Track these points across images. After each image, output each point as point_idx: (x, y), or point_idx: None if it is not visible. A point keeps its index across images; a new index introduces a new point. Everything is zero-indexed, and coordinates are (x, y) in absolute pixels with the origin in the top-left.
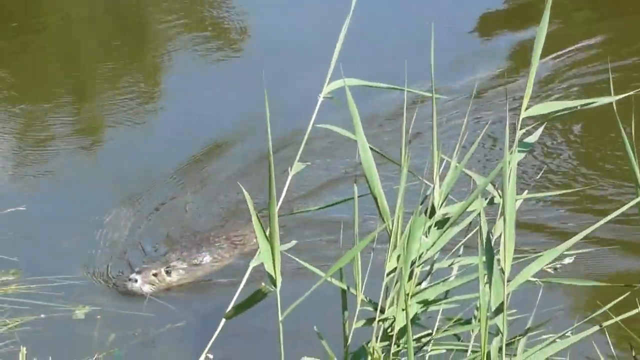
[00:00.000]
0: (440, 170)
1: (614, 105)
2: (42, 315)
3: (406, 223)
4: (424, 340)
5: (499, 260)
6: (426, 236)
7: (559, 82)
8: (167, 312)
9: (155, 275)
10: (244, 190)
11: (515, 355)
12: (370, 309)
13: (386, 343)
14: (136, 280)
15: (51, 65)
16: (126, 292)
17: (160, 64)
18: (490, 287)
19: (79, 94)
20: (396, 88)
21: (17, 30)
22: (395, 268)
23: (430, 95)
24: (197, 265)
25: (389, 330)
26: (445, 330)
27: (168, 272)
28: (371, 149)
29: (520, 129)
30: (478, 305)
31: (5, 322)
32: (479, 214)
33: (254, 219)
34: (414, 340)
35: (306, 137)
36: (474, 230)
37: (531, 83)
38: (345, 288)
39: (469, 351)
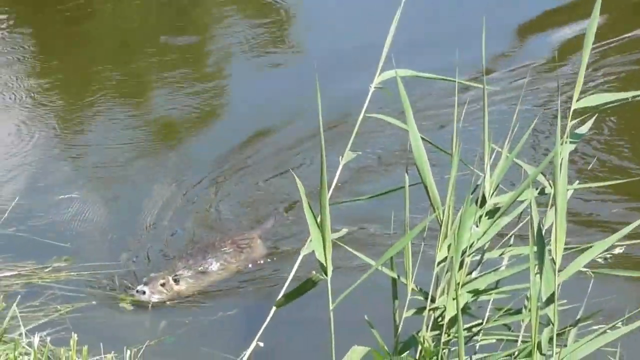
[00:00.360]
0: (492, 159)
1: None
2: (94, 302)
3: (456, 213)
4: (474, 329)
5: (549, 250)
6: (477, 226)
7: (592, 70)
8: (219, 300)
9: (163, 285)
10: (295, 177)
11: (565, 345)
12: (421, 298)
13: (437, 332)
14: (144, 292)
15: (102, 54)
16: (137, 302)
17: (213, 50)
18: (541, 277)
19: (132, 82)
20: (447, 79)
21: (70, 18)
22: (446, 257)
23: (481, 86)
24: (204, 272)
25: (440, 319)
26: (495, 320)
27: (176, 280)
28: (422, 138)
29: (567, 118)
30: (529, 296)
31: (56, 308)
32: (530, 203)
33: (305, 206)
34: (464, 329)
35: (357, 126)
36: (525, 220)
37: (582, 74)
38: (396, 277)
39: (520, 341)
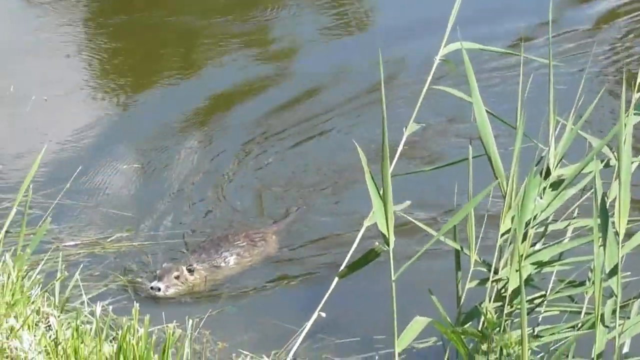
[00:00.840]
0: (556, 131)
1: None
2: (156, 271)
3: (519, 185)
4: (537, 301)
5: (613, 222)
6: (541, 197)
7: (635, 36)
8: (281, 271)
9: (177, 277)
10: (358, 148)
11: (629, 317)
12: (484, 269)
13: (499, 304)
14: (159, 289)
15: (163, 34)
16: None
17: (270, 24)
18: (604, 250)
19: (192, 62)
20: (512, 53)
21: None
22: (510, 229)
23: (547, 61)
24: (218, 266)
25: (503, 291)
26: (558, 292)
27: (190, 271)
28: (487, 112)
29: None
30: (592, 268)
31: (119, 277)
32: (594, 176)
33: (367, 177)
34: (527, 301)
35: (422, 97)
36: (589, 193)
37: None
38: (459, 248)
39: (583, 313)
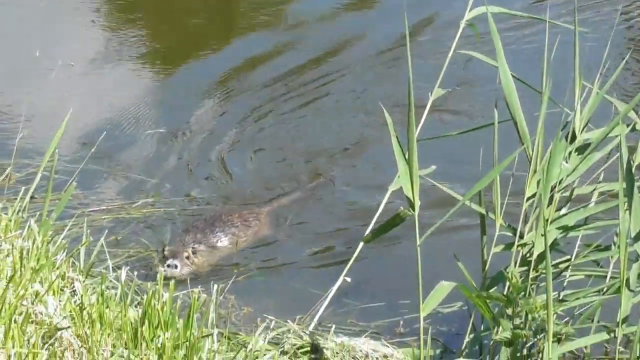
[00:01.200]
0: (583, 97)
1: None
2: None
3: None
4: (562, 265)
5: (639, 187)
6: (566, 162)
7: None
8: (306, 238)
9: (187, 257)
10: (384, 109)
11: None
12: (509, 234)
13: (525, 268)
14: (176, 266)
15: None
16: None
17: None
18: (630, 214)
19: (216, 28)
20: (538, 18)
21: None
22: (535, 193)
23: (572, 27)
24: (214, 247)
25: (528, 255)
26: (584, 256)
27: (194, 254)
28: (513, 76)
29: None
30: (618, 232)
31: (144, 243)
32: (620, 140)
33: (394, 140)
34: (552, 265)
35: (447, 62)
36: (615, 157)
37: None
38: (484, 212)
39: (608, 277)
